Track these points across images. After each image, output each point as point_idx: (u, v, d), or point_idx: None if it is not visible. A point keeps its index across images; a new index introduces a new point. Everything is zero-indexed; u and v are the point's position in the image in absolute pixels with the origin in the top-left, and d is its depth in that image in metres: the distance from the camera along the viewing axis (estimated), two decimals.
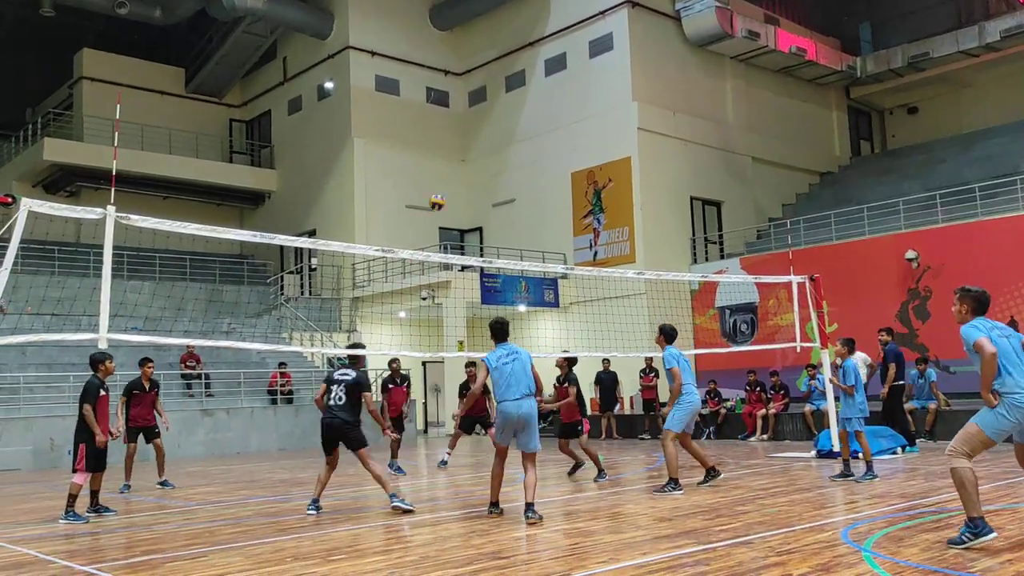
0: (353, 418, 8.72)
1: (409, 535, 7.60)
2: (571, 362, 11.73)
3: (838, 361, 10.73)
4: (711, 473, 9.82)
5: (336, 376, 8.87)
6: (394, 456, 13.07)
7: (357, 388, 8.77)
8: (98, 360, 9.16)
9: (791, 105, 29.00)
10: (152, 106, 30.11)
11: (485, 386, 13.41)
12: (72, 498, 8.84)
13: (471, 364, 13.75)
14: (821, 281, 13.45)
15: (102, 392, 9.15)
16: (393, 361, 13.49)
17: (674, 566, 5.57)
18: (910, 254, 19.77)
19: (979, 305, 6.19)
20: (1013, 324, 18.40)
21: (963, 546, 5.67)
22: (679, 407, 9.52)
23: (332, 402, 8.70)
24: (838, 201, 24.66)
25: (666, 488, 9.24)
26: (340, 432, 8.67)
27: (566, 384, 11.48)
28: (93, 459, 8.99)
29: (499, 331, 8.18)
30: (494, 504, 8.21)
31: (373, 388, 11.87)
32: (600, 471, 11.19)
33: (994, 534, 5.71)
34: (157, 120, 29.48)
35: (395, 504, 8.58)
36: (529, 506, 7.59)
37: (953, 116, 29.29)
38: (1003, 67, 27.46)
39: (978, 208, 19.82)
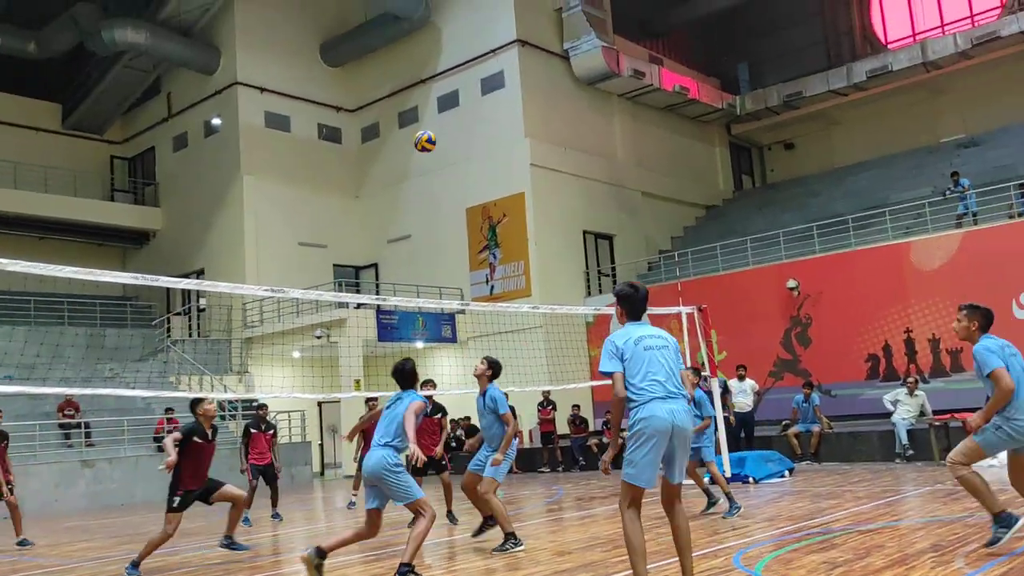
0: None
1: None
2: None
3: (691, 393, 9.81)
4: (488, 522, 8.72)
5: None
6: (273, 505, 12.67)
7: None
8: None
9: (677, 141, 30.06)
10: (27, 143, 28.78)
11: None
12: None
13: (372, 399, 13.49)
14: (708, 311, 13.89)
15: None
16: (260, 407, 13.13)
17: None
18: (791, 283, 20.66)
19: (987, 322, 6.20)
20: (887, 349, 19.44)
21: (1002, 542, 5.95)
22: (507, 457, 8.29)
23: None
24: (723, 233, 25.61)
25: (506, 546, 8.02)
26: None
27: (438, 416, 10.85)
28: None
29: (398, 377, 7.12)
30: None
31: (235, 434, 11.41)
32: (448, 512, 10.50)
33: (1023, 520, 5.98)
34: (32, 158, 28.16)
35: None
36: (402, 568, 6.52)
37: (826, 151, 30.99)
38: (870, 105, 29.25)
39: (851, 238, 20.91)
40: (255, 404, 13.62)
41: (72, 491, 18.39)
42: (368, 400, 13.55)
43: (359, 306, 23.60)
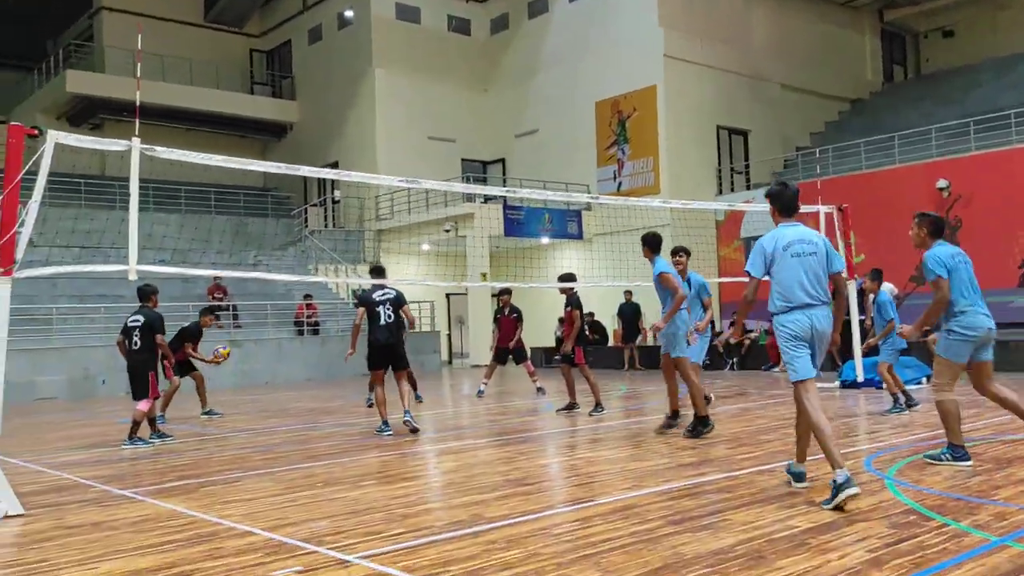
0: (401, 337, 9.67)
1: (436, 462, 7.76)
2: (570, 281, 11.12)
3: (871, 297, 10.35)
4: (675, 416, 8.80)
5: (377, 297, 9.32)
6: (413, 388, 13.21)
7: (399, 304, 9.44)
8: (148, 293, 9.57)
9: (822, 29, 28.21)
10: (172, 36, 29.88)
11: (520, 319, 13.54)
12: (136, 425, 9.21)
13: (506, 292, 13.74)
14: (850, 211, 13.25)
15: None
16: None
17: (696, 493, 5.64)
18: (941, 183, 19.40)
19: (936, 228, 6.38)
20: None
21: (940, 464, 6.18)
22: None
23: (383, 322, 9.24)
24: (868, 129, 24.15)
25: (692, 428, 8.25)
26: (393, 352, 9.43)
27: (568, 308, 10.83)
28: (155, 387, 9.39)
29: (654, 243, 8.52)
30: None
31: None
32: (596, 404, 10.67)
33: (970, 462, 6.12)
34: (177, 51, 29.27)
35: (406, 419, 9.23)
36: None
37: (990, 38, 28.35)
38: None
39: (1012, 134, 19.33)
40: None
41: (222, 368, 19.62)
42: (500, 293, 13.79)
43: (486, 200, 23.80)
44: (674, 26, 24.33)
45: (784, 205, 5.74)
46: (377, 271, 10.18)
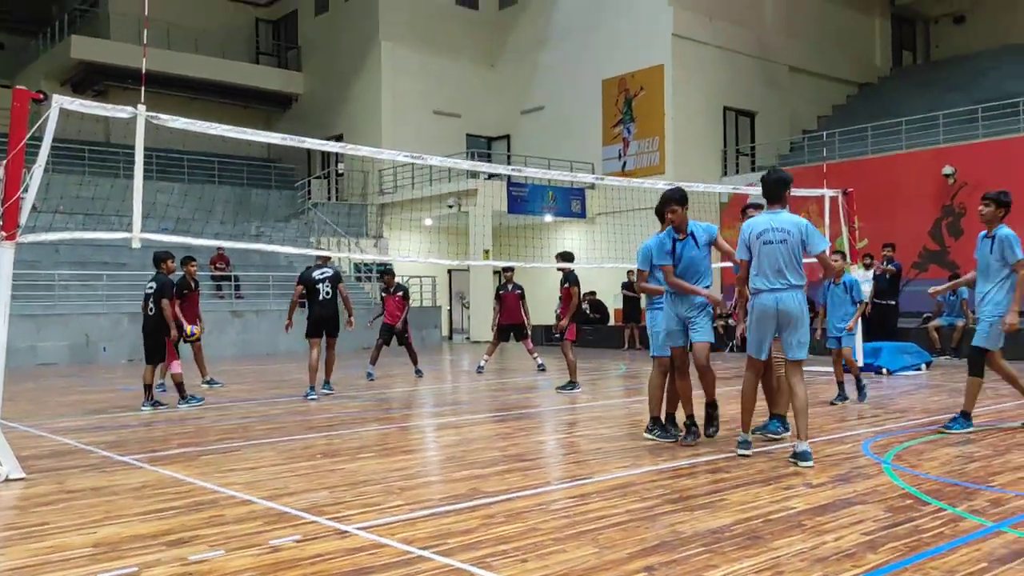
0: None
1: (435, 436, 7.79)
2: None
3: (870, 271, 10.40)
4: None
5: (317, 276, 10.67)
6: (414, 363, 13.22)
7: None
8: (160, 258, 9.82)
9: (832, 11, 27.99)
10: (178, 4, 29.57)
11: (523, 295, 13.54)
12: (180, 386, 9.65)
13: (509, 269, 13.70)
14: (854, 196, 13.21)
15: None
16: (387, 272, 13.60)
17: (695, 472, 5.67)
18: (947, 169, 19.32)
19: (767, 194, 6.26)
20: None
21: (955, 431, 6.95)
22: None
23: (321, 298, 10.61)
24: (876, 113, 24.00)
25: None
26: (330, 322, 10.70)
27: (566, 285, 10.98)
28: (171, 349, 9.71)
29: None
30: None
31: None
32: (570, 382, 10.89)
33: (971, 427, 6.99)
34: (183, 19, 29.03)
35: (325, 390, 10.66)
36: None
37: (1002, 25, 28.10)
38: None
39: (1020, 122, 19.21)
40: (386, 268, 14.02)
41: (223, 338, 19.83)
42: (504, 270, 13.75)
43: (490, 177, 23.74)
44: (683, 5, 24.13)
45: (765, 192, 6.21)
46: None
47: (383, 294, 13.38)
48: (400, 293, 13.15)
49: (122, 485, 5.50)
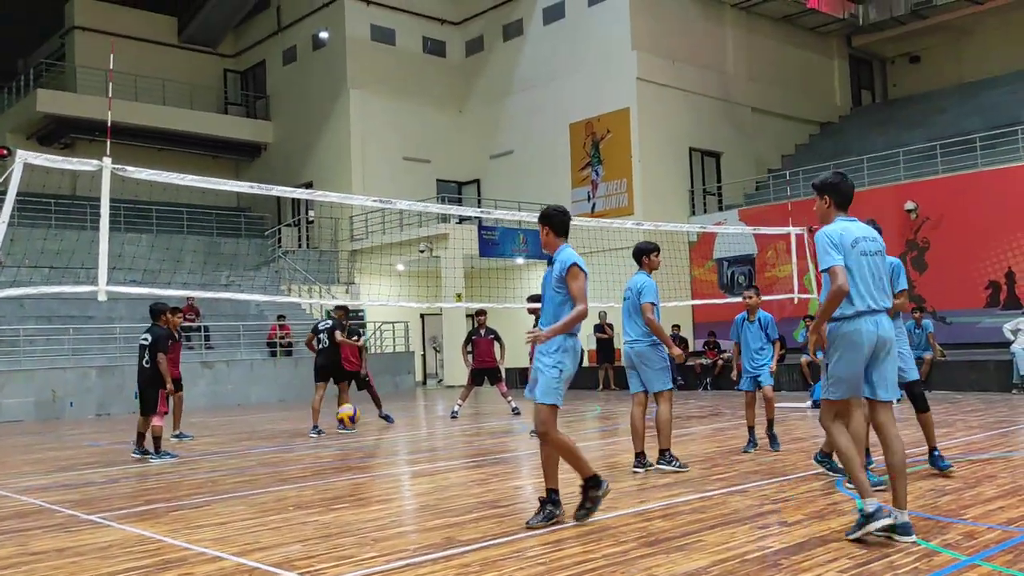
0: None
1: (410, 484, 7.70)
2: (346, 311, 12.57)
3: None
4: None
5: (320, 327, 12.20)
6: (377, 407, 12.98)
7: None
8: (159, 311, 9.75)
9: (792, 54, 28.67)
10: (145, 56, 29.73)
11: (498, 338, 13.70)
12: (157, 440, 9.65)
13: (482, 313, 13.75)
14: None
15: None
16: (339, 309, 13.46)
17: (670, 513, 5.65)
18: (909, 205, 19.71)
19: (844, 199, 4.99)
20: (1010, 276, 18.47)
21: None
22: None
23: (320, 347, 12.01)
24: (838, 151, 24.50)
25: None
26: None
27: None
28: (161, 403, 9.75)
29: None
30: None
31: None
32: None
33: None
34: (151, 71, 29.11)
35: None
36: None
37: (955, 65, 28.96)
38: (1006, 15, 27.09)
39: (978, 159, 19.70)
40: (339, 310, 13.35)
41: (193, 390, 19.49)
42: (477, 314, 13.75)
43: (461, 221, 23.82)
44: (647, 49, 24.60)
45: (843, 198, 4.93)
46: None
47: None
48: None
49: (88, 545, 5.37)
